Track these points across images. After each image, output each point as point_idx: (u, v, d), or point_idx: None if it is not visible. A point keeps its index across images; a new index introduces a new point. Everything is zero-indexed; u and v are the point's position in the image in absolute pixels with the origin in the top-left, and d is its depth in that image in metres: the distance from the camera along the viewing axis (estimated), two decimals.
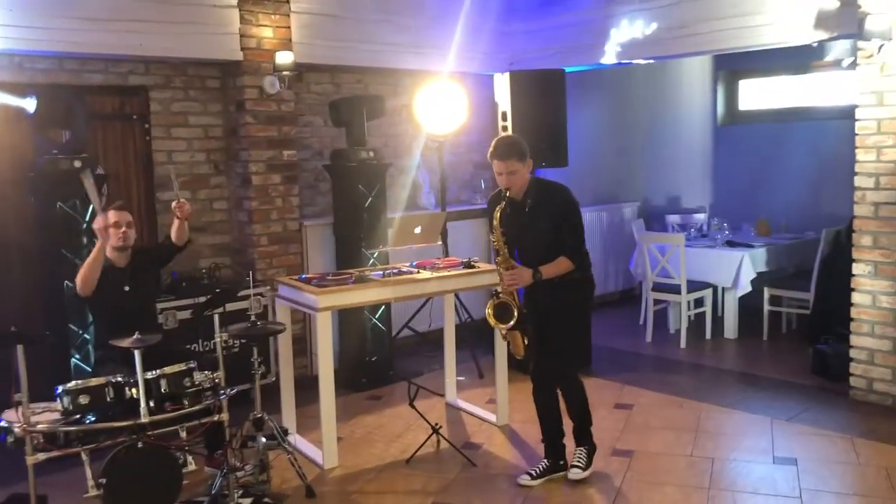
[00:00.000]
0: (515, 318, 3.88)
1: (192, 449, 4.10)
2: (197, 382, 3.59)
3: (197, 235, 5.61)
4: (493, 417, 4.95)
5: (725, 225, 7.19)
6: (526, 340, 3.96)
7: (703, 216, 8.06)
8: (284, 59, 5.53)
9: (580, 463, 4.08)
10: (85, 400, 3.35)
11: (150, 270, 4.28)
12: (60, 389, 3.37)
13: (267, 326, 4.12)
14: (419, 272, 4.68)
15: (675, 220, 8.05)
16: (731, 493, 3.90)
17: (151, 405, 3.40)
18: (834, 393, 5.24)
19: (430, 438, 4.48)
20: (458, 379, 5.39)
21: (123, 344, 3.39)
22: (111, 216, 4.02)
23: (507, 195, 3.88)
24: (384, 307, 5.82)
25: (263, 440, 3.85)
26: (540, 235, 3.93)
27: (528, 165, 3.91)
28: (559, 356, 4.03)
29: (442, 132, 6.07)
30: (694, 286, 6.63)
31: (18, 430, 3.28)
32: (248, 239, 5.78)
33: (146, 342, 3.40)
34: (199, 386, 3.59)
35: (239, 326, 3.95)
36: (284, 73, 5.57)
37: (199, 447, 4.09)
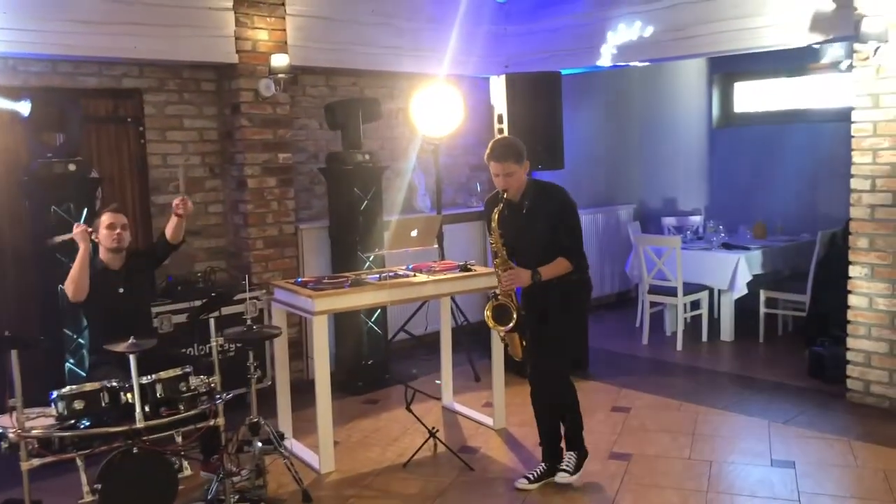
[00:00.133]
0: (514, 319, 3.87)
1: (187, 454, 4.09)
2: (192, 387, 3.57)
3: (192, 239, 5.59)
4: (489, 421, 4.94)
5: (721, 227, 7.19)
6: (524, 342, 3.95)
7: (698, 218, 8.06)
8: (280, 61, 5.51)
9: (568, 468, 4.06)
10: (80, 405, 3.33)
11: (144, 272, 4.28)
12: (55, 394, 3.35)
13: (263, 330, 4.11)
14: (415, 275, 4.66)
15: (670, 222, 8.05)
16: (729, 496, 3.90)
17: (147, 410, 3.38)
18: (830, 395, 5.25)
19: (426, 442, 4.47)
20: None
21: (118, 348, 3.39)
22: (105, 219, 4.01)
23: (504, 197, 3.87)
24: (380, 310, 5.81)
25: (259, 445, 3.82)
26: (538, 237, 3.92)
27: (525, 167, 3.91)
28: (555, 357, 4.03)
29: (438, 135, 6.06)
30: (690, 288, 6.63)
31: (13, 435, 3.26)
32: (243, 242, 5.76)
33: (141, 346, 3.39)
34: (194, 390, 3.57)
35: (235, 330, 3.95)
36: (280, 75, 5.55)
37: (194, 452, 4.08)
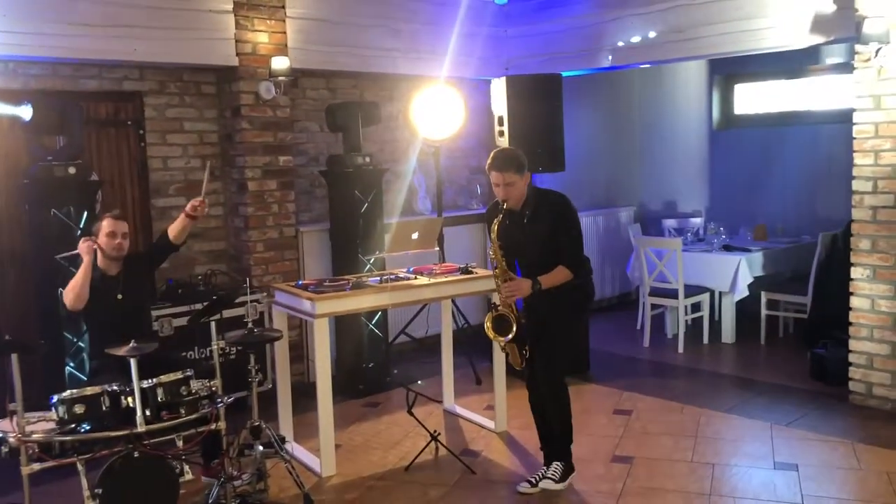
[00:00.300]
0: (514, 330, 3.87)
1: (188, 458, 4.07)
2: (193, 391, 3.56)
3: (192, 242, 5.58)
4: (491, 424, 4.92)
5: (722, 229, 7.17)
6: (525, 352, 3.95)
7: (699, 220, 8.06)
8: (280, 64, 5.51)
9: (554, 476, 4.02)
10: (80, 409, 3.32)
11: (143, 275, 4.24)
12: (55, 399, 3.34)
13: (264, 333, 4.10)
14: (416, 278, 4.66)
15: (671, 224, 8.04)
16: (732, 499, 3.89)
17: (147, 414, 3.38)
18: (833, 397, 5.23)
19: (428, 445, 4.46)
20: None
21: (119, 352, 3.37)
22: (107, 226, 3.97)
23: (504, 207, 3.87)
24: (381, 313, 5.80)
25: (261, 448, 3.81)
26: (539, 245, 3.91)
27: (525, 178, 3.90)
28: (550, 363, 4.00)
29: (438, 137, 6.05)
30: (691, 290, 6.62)
31: (13, 439, 3.26)
32: (244, 245, 5.75)
33: (142, 350, 3.39)
34: (195, 394, 3.57)
35: (236, 333, 3.93)
36: (280, 78, 5.55)
37: (195, 456, 4.06)
